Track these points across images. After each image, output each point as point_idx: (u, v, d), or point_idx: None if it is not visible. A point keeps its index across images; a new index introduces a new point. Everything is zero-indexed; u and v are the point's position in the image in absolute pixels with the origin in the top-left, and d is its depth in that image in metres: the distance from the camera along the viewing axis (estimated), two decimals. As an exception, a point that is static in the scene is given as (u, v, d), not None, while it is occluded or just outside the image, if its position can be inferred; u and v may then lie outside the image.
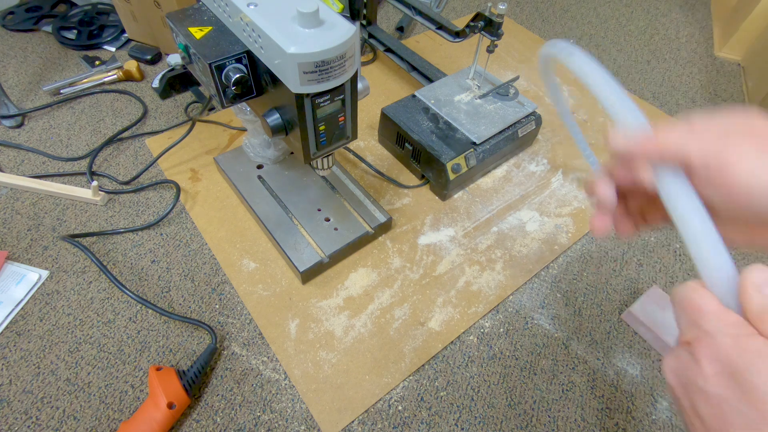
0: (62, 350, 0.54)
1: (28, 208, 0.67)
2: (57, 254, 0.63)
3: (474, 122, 0.71)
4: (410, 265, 0.64)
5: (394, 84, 0.91)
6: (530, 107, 0.74)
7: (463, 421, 0.52)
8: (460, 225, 0.69)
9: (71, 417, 0.50)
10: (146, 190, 0.70)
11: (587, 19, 1.15)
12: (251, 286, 0.60)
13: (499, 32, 0.65)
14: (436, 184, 0.71)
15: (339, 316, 0.58)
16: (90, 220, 0.67)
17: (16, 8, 1.00)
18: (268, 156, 0.67)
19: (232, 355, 0.55)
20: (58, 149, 0.75)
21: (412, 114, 0.73)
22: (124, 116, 0.81)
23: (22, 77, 0.87)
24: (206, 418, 0.51)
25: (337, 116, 0.46)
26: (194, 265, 0.63)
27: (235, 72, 0.45)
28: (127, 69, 0.86)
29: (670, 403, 0.54)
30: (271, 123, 0.47)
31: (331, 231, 0.63)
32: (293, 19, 0.39)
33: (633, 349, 0.58)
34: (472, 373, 0.55)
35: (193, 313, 0.58)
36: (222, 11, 0.46)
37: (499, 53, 1.00)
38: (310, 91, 0.41)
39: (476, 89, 0.76)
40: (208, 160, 0.74)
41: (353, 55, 0.41)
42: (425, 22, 0.72)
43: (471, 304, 0.61)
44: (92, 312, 0.58)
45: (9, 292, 0.58)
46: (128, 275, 0.61)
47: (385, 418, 0.52)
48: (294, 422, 0.51)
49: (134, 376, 0.53)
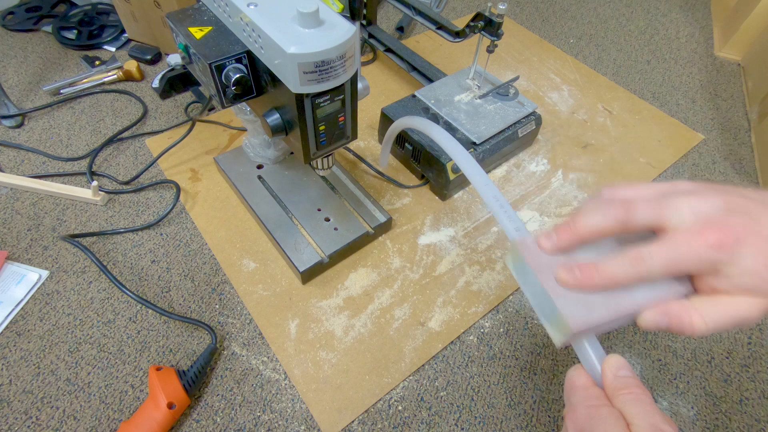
0: (62, 350, 0.54)
1: (28, 208, 0.67)
2: (57, 254, 0.63)
3: (474, 122, 0.71)
4: (410, 265, 0.64)
5: (394, 84, 0.91)
6: (530, 107, 0.74)
7: (463, 421, 0.52)
8: (460, 225, 0.69)
9: (71, 417, 0.50)
10: (146, 190, 0.70)
11: (587, 19, 1.15)
12: (251, 286, 0.60)
13: (499, 32, 0.65)
14: (436, 184, 0.71)
15: (339, 316, 0.58)
16: (90, 220, 0.67)
17: (16, 8, 1.00)
18: (268, 156, 0.68)
19: (232, 355, 0.55)
20: (58, 149, 0.75)
21: (412, 114, 0.73)
22: (124, 116, 0.81)
23: (22, 77, 0.87)
24: (206, 418, 0.51)
25: (337, 116, 0.46)
26: (194, 265, 0.63)
27: (235, 72, 0.45)
28: (127, 69, 0.86)
29: (670, 402, 0.54)
30: (271, 123, 0.47)
31: (331, 231, 0.63)
32: (293, 19, 0.39)
33: (633, 349, 0.58)
34: (472, 373, 0.55)
35: (193, 313, 0.58)
36: (222, 11, 0.46)
37: (499, 53, 1.00)
38: (310, 91, 0.41)
39: (476, 89, 0.76)
40: (208, 160, 0.74)
41: (353, 55, 0.41)
42: (425, 22, 0.72)
43: (471, 304, 0.61)
44: (92, 312, 0.58)
45: (9, 292, 0.58)
46: (128, 275, 0.61)
47: (385, 418, 0.52)
48: (294, 422, 0.51)
49: (134, 376, 0.53)
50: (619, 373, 0.27)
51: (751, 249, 0.25)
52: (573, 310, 0.27)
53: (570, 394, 0.28)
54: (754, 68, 0.97)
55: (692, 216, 0.27)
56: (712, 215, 0.27)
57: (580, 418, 0.26)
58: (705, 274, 0.27)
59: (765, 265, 0.25)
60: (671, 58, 1.05)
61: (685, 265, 0.27)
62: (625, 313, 0.28)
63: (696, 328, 0.27)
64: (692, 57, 1.06)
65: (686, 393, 0.55)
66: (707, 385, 0.56)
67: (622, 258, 0.28)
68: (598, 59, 1.03)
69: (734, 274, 0.26)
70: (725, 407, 0.54)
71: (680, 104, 0.93)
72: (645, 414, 0.25)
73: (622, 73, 1.00)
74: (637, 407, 0.25)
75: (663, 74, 1.00)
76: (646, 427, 0.24)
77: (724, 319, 0.27)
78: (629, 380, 0.27)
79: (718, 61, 1.05)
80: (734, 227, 0.26)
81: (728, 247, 0.26)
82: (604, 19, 1.16)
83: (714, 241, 0.26)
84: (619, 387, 0.26)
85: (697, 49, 1.08)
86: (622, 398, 0.26)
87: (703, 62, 1.04)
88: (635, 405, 0.25)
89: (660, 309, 0.27)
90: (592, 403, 0.27)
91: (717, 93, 0.97)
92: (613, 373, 0.27)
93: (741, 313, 0.26)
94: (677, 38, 1.11)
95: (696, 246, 0.26)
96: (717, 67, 1.03)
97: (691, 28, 1.15)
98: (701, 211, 0.27)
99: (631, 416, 0.25)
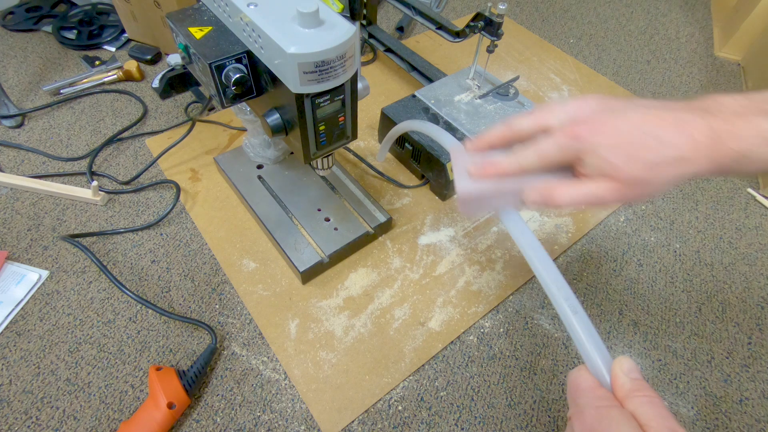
0: (62, 350, 0.54)
1: (28, 208, 0.67)
2: (57, 254, 0.63)
3: (474, 122, 0.71)
4: (410, 265, 0.64)
5: (394, 84, 0.91)
6: (530, 107, 0.74)
7: (463, 421, 0.52)
8: (460, 225, 0.69)
9: (71, 417, 0.50)
10: (146, 190, 0.70)
11: (587, 19, 1.15)
12: (251, 286, 0.60)
13: (499, 32, 0.65)
14: (436, 184, 0.71)
15: (339, 316, 0.58)
16: (90, 220, 0.67)
17: (16, 8, 1.00)
18: (268, 156, 0.68)
19: (232, 355, 0.55)
20: (58, 149, 0.75)
21: (412, 114, 0.73)
22: (124, 116, 0.81)
23: (22, 77, 0.87)
24: (206, 418, 0.51)
25: (337, 116, 0.46)
26: (194, 265, 0.63)
27: (235, 72, 0.45)
28: (127, 69, 0.86)
29: (670, 402, 0.54)
30: (271, 123, 0.47)
31: (331, 231, 0.63)
32: (293, 19, 0.39)
33: (633, 349, 0.58)
34: (472, 373, 0.55)
35: (193, 313, 0.58)
36: (222, 11, 0.46)
37: (499, 53, 1.00)
38: (310, 91, 0.41)
39: (476, 89, 0.76)
40: (208, 160, 0.74)
41: (353, 55, 0.41)
42: (425, 22, 0.71)
43: (471, 304, 0.61)
44: (92, 312, 0.58)
45: (9, 292, 0.58)
46: (128, 275, 0.61)
47: (385, 418, 0.52)
48: (294, 422, 0.51)
49: (134, 376, 0.53)
50: (631, 375, 0.27)
51: (607, 139, 0.30)
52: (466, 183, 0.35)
53: (576, 395, 0.28)
54: (754, 68, 0.97)
55: (565, 116, 0.33)
56: (581, 115, 0.32)
57: (589, 420, 0.26)
58: (574, 164, 0.32)
59: (616, 154, 0.29)
60: (671, 58, 1.05)
61: (551, 156, 0.32)
62: (512, 189, 0.35)
63: (557, 200, 0.32)
64: (692, 57, 1.06)
65: (686, 393, 0.55)
66: (707, 385, 0.56)
67: (510, 156, 0.34)
68: (598, 59, 1.03)
69: (591, 161, 0.31)
70: (725, 407, 0.54)
71: (680, 104, 0.93)
72: (661, 417, 0.24)
73: (622, 73, 1.00)
74: (653, 410, 0.25)
75: (663, 74, 1.00)
76: (662, 429, 0.24)
77: (581, 197, 0.32)
78: (642, 383, 0.26)
79: (718, 61, 1.05)
80: (594, 122, 0.31)
81: (584, 139, 0.30)
82: (604, 19, 1.16)
83: (572, 134, 0.31)
84: (634, 389, 0.26)
85: (697, 49, 1.08)
86: (637, 400, 0.25)
87: (703, 62, 1.04)
88: (651, 407, 0.25)
89: (536, 188, 0.34)
90: (602, 404, 0.26)
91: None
92: (625, 374, 0.27)
93: (596, 192, 0.31)
94: (677, 38, 1.11)
95: (559, 139, 0.32)
96: (717, 67, 1.03)
97: (691, 28, 1.15)
98: (573, 112, 0.33)
99: (647, 419, 0.25)
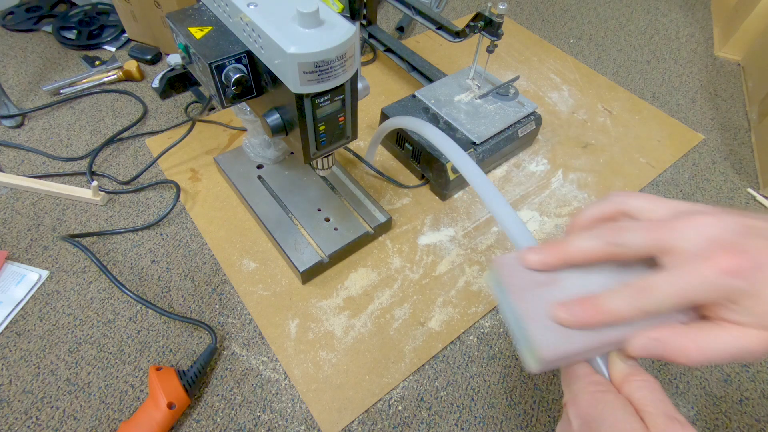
0: (62, 350, 0.54)
1: (28, 208, 0.67)
2: (57, 254, 0.63)
3: (474, 122, 0.71)
4: (410, 265, 0.64)
5: (394, 84, 0.91)
6: (530, 107, 0.74)
7: (463, 421, 0.52)
8: (460, 225, 0.69)
9: (71, 417, 0.50)
10: (146, 190, 0.70)
11: (587, 19, 1.15)
12: (251, 286, 0.60)
13: (499, 32, 0.65)
14: (436, 184, 0.71)
15: (339, 316, 0.58)
16: (90, 220, 0.67)
17: (16, 8, 1.00)
18: (268, 156, 0.68)
19: (232, 355, 0.55)
20: (58, 149, 0.75)
21: (412, 114, 0.73)
22: (124, 116, 0.81)
23: (22, 77, 0.87)
24: (206, 418, 0.51)
25: (337, 116, 0.46)
26: (194, 265, 0.63)
27: (235, 72, 0.45)
28: (127, 69, 0.86)
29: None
30: (271, 123, 0.47)
31: (331, 231, 0.63)
32: (293, 19, 0.39)
33: (633, 349, 0.58)
34: (472, 373, 0.55)
35: (193, 313, 0.58)
36: (222, 11, 0.46)
37: (499, 53, 1.00)
38: (310, 91, 0.41)
39: (476, 89, 0.76)
40: (208, 160, 0.74)
41: (353, 55, 0.41)
42: (425, 22, 0.71)
43: (471, 304, 0.61)
44: (92, 312, 0.58)
45: (9, 292, 0.58)
46: (128, 275, 0.61)
47: (385, 418, 0.52)
48: (294, 422, 0.51)
49: (134, 376, 0.53)
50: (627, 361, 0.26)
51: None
52: (548, 337, 0.25)
53: (570, 381, 0.26)
54: (754, 68, 0.97)
55: (701, 239, 0.23)
56: (724, 238, 0.23)
57: (584, 405, 0.24)
58: (717, 305, 0.24)
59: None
60: (671, 58, 1.05)
61: (696, 297, 0.23)
62: (610, 342, 0.26)
63: (691, 357, 0.24)
64: (692, 57, 1.06)
65: (686, 393, 0.55)
66: (707, 385, 0.56)
67: (625, 291, 0.25)
68: (598, 59, 1.03)
69: (754, 305, 0.22)
70: (725, 407, 0.54)
71: (680, 104, 0.93)
72: (658, 401, 0.23)
73: (622, 73, 1.00)
74: (650, 394, 0.24)
75: (663, 74, 1.00)
76: (659, 415, 0.23)
77: (723, 351, 0.24)
78: (638, 368, 0.25)
79: (718, 61, 1.05)
80: (752, 251, 0.22)
81: (746, 274, 0.22)
82: (604, 19, 1.16)
83: (728, 267, 0.22)
84: (630, 373, 0.25)
85: (697, 49, 1.08)
86: (634, 384, 0.24)
87: (703, 62, 1.04)
88: (648, 391, 0.24)
89: (652, 334, 0.25)
90: (597, 389, 0.25)
91: (717, 93, 0.97)
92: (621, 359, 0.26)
93: (744, 344, 0.23)
94: (677, 38, 1.11)
95: (708, 273, 0.23)
96: (717, 67, 1.03)
97: (691, 28, 1.15)
98: (712, 233, 0.24)
99: (643, 403, 0.23)
